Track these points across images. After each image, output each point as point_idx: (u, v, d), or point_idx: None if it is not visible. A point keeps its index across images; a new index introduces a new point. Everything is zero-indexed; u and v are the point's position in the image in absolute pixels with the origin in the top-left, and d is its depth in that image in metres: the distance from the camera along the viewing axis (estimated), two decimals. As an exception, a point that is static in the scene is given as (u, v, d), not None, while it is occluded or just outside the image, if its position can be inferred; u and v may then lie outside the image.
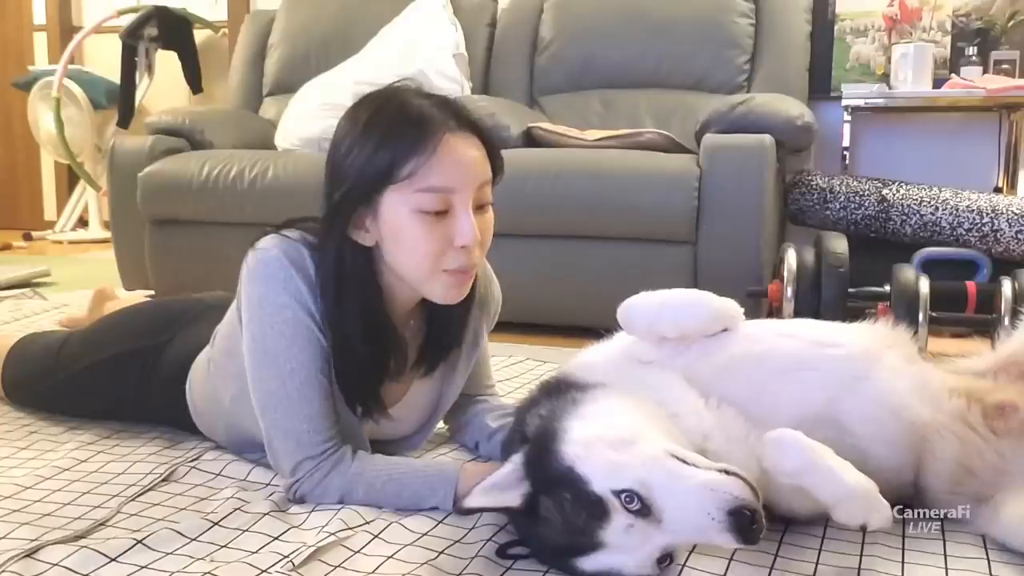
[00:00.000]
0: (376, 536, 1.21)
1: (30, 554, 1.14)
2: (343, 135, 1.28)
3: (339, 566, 1.13)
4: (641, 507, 1.02)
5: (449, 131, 1.25)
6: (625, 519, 1.02)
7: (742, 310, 1.31)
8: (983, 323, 2.45)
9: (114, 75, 4.66)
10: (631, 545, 1.02)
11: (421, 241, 1.25)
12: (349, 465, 1.31)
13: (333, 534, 1.19)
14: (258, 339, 1.31)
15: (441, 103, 1.29)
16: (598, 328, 1.41)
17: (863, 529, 1.09)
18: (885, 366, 1.26)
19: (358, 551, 1.17)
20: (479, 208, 1.28)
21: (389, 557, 1.16)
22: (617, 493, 1.02)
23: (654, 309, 1.28)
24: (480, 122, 1.31)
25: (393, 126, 1.24)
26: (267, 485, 1.41)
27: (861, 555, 1.16)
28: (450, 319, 1.42)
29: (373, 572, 1.12)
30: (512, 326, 1.48)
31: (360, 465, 1.32)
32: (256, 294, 1.31)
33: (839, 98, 3.26)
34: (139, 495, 1.37)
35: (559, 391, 1.22)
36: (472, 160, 1.26)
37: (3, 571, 1.10)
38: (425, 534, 1.23)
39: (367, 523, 1.25)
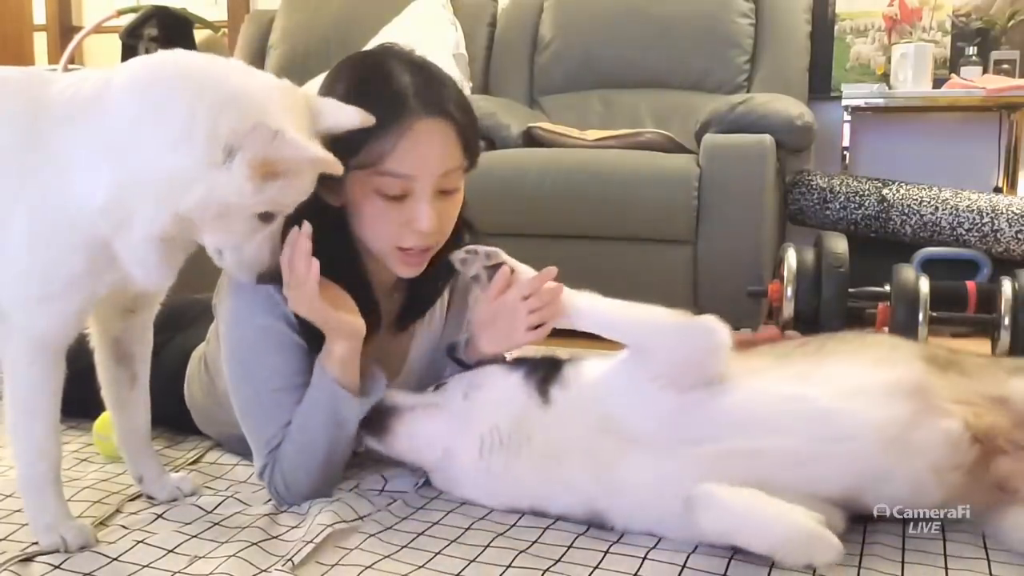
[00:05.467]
0: (372, 535, 1.21)
1: (31, 556, 1.14)
2: (323, 95, 1.24)
3: (337, 564, 1.13)
4: None
5: (420, 118, 1.23)
6: None
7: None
8: (983, 323, 2.45)
9: (114, 75, 4.66)
10: None
11: (378, 221, 1.26)
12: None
13: (329, 526, 1.20)
14: (233, 350, 1.32)
15: (424, 84, 1.26)
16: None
17: (813, 570, 1.08)
18: (909, 448, 1.15)
19: (354, 549, 1.17)
20: (443, 193, 1.28)
21: (386, 557, 1.16)
22: None
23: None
24: (458, 108, 1.28)
25: (368, 103, 1.21)
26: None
27: (861, 555, 1.16)
28: (427, 280, 1.40)
29: (370, 567, 1.12)
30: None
31: (283, 432, 1.31)
32: (229, 307, 1.32)
33: (839, 98, 3.26)
34: (139, 495, 1.37)
35: None
36: (438, 150, 1.25)
37: (4, 571, 1.10)
38: (421, 534, 1.23)
39: (361, 518, 1.25)
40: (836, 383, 1.19)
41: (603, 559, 1.15)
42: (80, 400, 1.69)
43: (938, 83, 3.22)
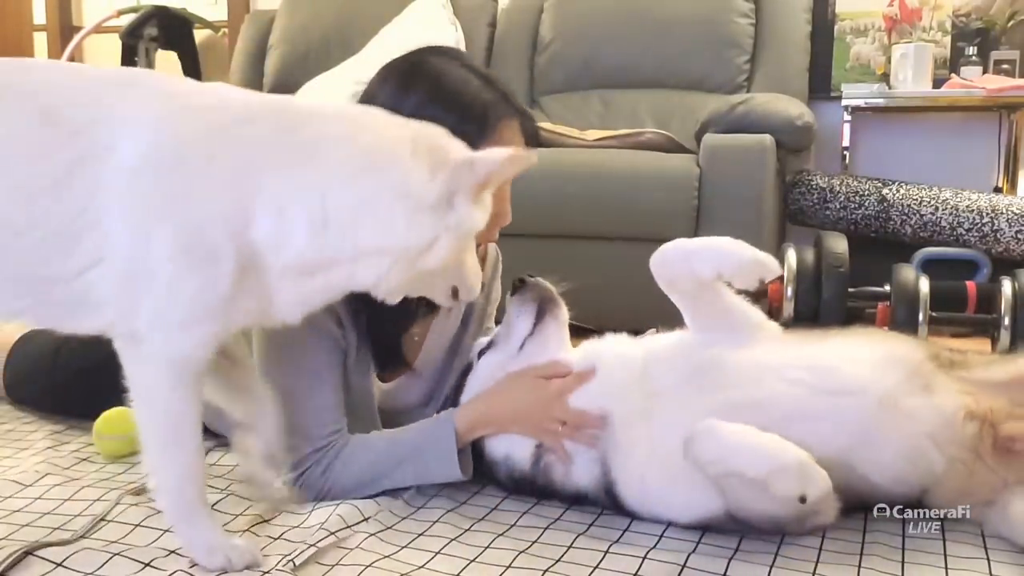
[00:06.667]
0: (372, 535, 1.21)
1: (32, 552, 1.14)
2: (394, 104, 1.22)
3: (337, 564, 1.13)
4: None
5: (510, 120, 1.27)
6: None
7: (778, 267, 1.27)
8: (983, 323, 2.46)
9: (114, 75, 4.65)
10: None
11: None
12: (347, 443, 1.33)
13: (333, 533, 1.20)
14: (271, 336, 1.32)
15: (493, 85, 1.29)
16: (598, 328, 1.42)
17: (803, 500, 1.09)
18: (904, 412, 1.19)
19: (354, 548, 1.17)
20: None
21: (386, 557, 1.16)
22: None
23: (691, 243, 1.29)
24: (520, 105, 1.33)
25: (457, 114, 1.23)
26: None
27: (861, 555, 1.16)
28: None
29: (370, 566, 1.12)
30: (512, 326, 1.48)
31: (361, 436, 1.35)
32: None
33: (839, 98, 3.25)
34: (139, 492, 1.37)
35: None
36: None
37: (5, 572, 1.10)
38: (421, 534, 1.23)
39: (365, 519, 1.25)
40: (840, 350, 1.27)
41: (603, 559, 1.15)
42: (80, 400, 1.71)
43: (938, 83, 3.22)
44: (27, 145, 1.03)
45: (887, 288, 2.42)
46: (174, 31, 4.48)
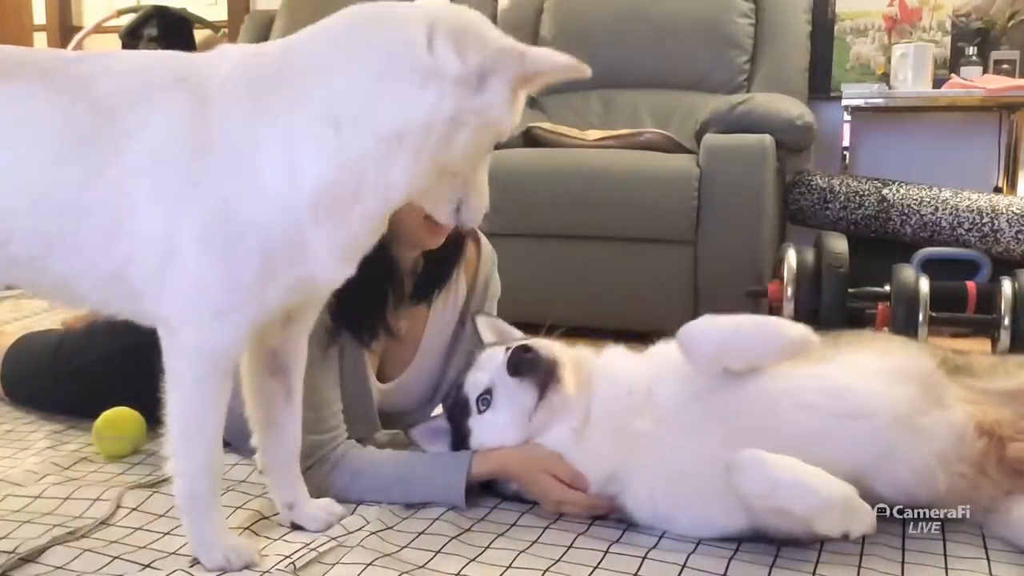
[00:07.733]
0: (372, 535, 1.21)
1: (33, 558, 1.14)
2: None
3: (338, 563, 1.13)
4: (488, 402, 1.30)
5: None
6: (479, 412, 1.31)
7: (816, 339, 1.22)
8: (983, 323, 2.45)
9: (114, 75, 4.65)
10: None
11: None
12: (357, 453, 1.34)
13: (334, 538, 1.20)
14: None
15: None
16: (598, 328, 1.41)
17: (846, 538, 1.08)
18: (917, 431, 1.18)
19: (355, 547, 1.17)
20: None
21: (386, 556, 1.16)
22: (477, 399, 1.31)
23: (725, 334, 1.22)
24: None
25: None
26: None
27: (861, 555, 1.16)
28: (445, 258, 1.47)
29: (371, 565, 1.12)
30: (512, 326, 1.48)
31: (370, 451, 1.36)
32: None
33: (839, 98, 3.25)
34: (143, 487, 1.37)
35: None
36: None
37: (5, 573, 1.10)
38: (421, 534, 1.23)
39: (367, 523, 1.25)
40: (852, 367, 1.24)
41: (603, 559, 1.15)
42: (80, 400, 1.71)
43: (938, 83, 3.22)
44: (77, 132, 1.03)
45: (887, 288, 2.42)
46: (174, 31, 4.48)
